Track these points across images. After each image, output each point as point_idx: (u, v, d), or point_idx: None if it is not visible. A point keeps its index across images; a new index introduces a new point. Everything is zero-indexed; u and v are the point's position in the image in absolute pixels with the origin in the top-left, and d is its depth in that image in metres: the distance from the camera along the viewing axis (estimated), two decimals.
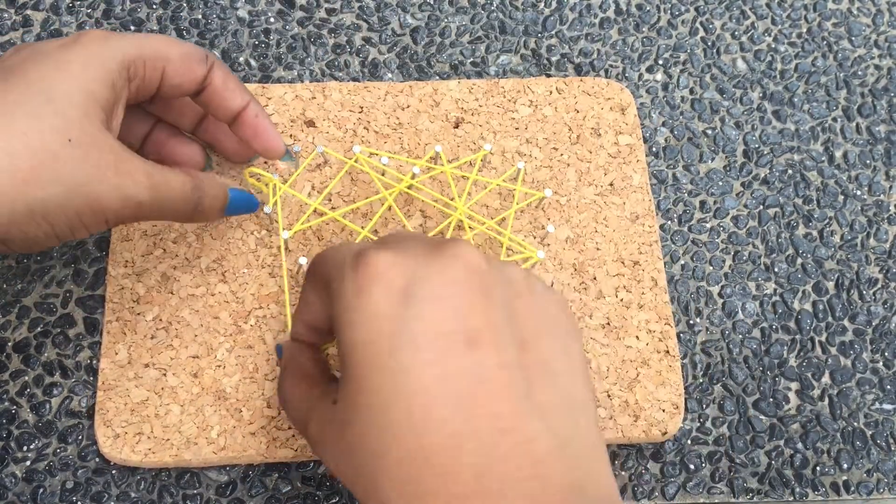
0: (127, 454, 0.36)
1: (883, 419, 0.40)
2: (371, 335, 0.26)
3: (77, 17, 0.46)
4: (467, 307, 0.26)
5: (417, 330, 0.26)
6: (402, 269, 0.27)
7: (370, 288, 0.26)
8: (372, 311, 0.26)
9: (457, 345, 0.26)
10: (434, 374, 0.25)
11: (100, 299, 0.39)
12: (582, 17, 0.48)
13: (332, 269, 0.29)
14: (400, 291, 0.26)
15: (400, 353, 0.25)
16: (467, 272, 0.27)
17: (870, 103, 0.47)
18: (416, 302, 0.26)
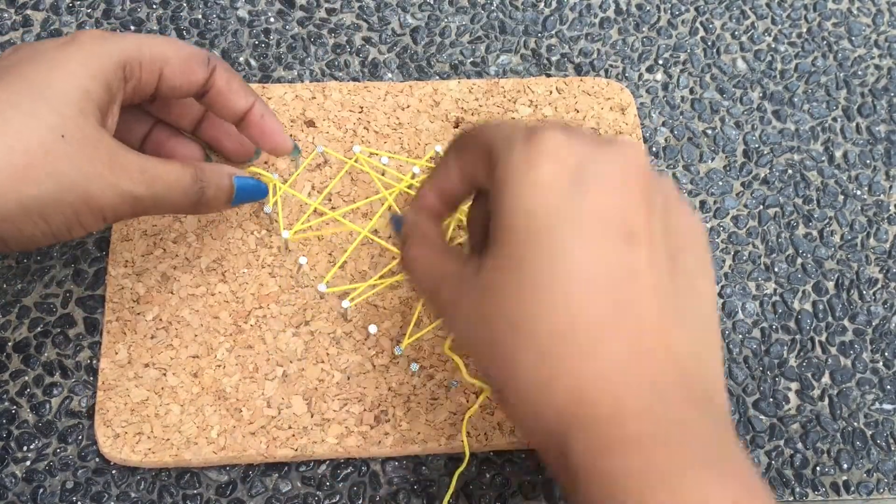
0: (127, 454, 0.36)
1: (883, 419, 0.40)
2: (536, 206, 0.26)
3: (77, 17, 0.46)
4: (631, 204, 0.27)
5: (582, 211, 0.26)
6: (575, 150, 0.27)
7: (541, 161, 0.27)
8: (541, 183, 0.26)
9: (617, 236, 0.26)
10: (590, 258, 0.26)
11: (100, 299, 0.39)
12: (582, 16, 0.48)
13: (499, 139, 0.29)
14: (571, 170, 0.27)
15: (563, 228, 0.26)
16: (635, 170, 0.27)
17: (870, 103, 0.47)
18: (585, 184, 0.26)
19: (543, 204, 0.26)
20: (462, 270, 0.29)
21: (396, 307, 0.39)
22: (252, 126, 0.37)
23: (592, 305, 0.26)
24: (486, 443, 0.37)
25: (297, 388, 0.37)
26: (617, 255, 0.26)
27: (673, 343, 0.26)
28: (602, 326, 0.26)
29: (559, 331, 0.26)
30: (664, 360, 0.26)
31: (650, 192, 0.27)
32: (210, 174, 0.34)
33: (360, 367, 0.38)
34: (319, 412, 0.37)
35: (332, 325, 0.39)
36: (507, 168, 0.27)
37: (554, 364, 0.26)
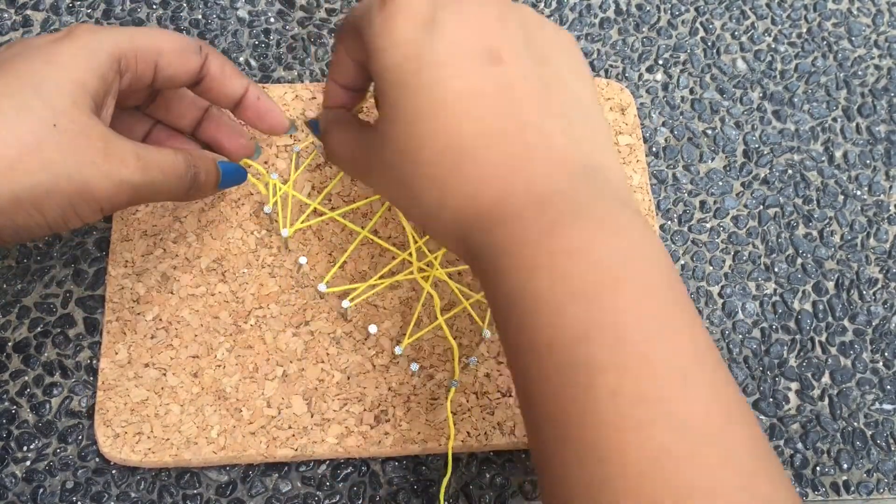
0: (127, 454, 0.36)
1: (883, 419, 0.40)
2: (398, 58, 0.29)
3: (77, 17, 0.46)
4: (488, 30, 0.29)
5: (441, 49, 0.28)
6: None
7: (395, 17, 0.29)
8: (398, 36, 0.29)
9: (480, 61, 0.29)
10: (461, 84, 0.28)
11: (100, 299, 0.39)
12: (582, 17, 0.48)
13: (361, 15, 0.31)
14: (424, 17, 0.29)
15: (426, 69, 0.28)
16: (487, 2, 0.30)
17: (870, 103, 0.47)
18: (439, 26, 0.29)
19: (403, 55, 0.29)
20: (367, 134, 0.33)
21: (396, 307, 0.39)
22: (249, 108, 0.37)
23: (470, 119, 0.28)
24: (485, 443, 0.37)
25: (297, 387, 0.37)
26: (485, 74, 0.29)
27: (552, 133, 0.29)
28: (483, 135, 0.28)
29: (444, 148, 0.28)
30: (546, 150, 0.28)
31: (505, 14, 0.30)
32: (200, 159, 0.35)
33: (360, 367, 0.38)
34: (319, 412, 0.37)
35: (332, 325, 0.39)
36: (369, 36, 0.30)
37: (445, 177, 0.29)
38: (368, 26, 0.30)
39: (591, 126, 0.31)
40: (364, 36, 0.30)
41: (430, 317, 0.39)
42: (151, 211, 0.40)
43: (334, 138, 0.35)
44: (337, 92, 0.36)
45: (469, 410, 0.37)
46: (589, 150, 0.29)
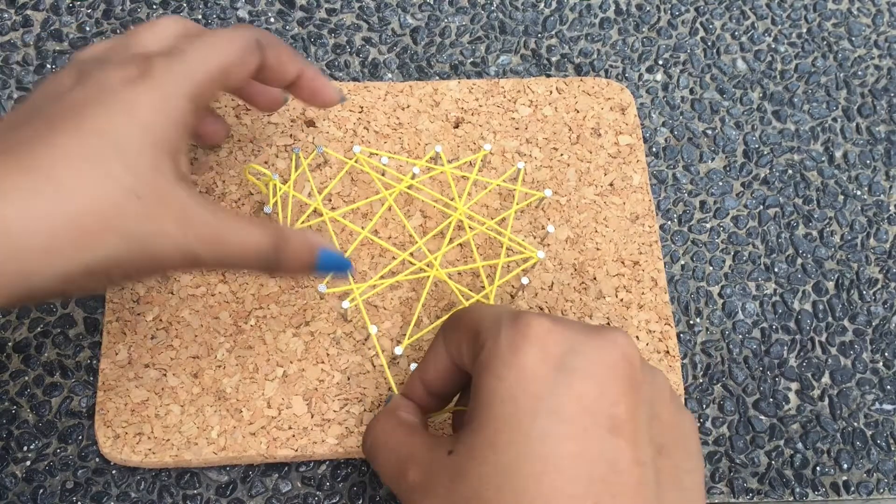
0: (127, 454, 0.36)
1: (883, 419, 0.40)
2: (517, 392, 0.26)
3: (77, 18, 0.46)
4: (617, 394, 0.26)
5: (565, 400, 0.26)
6: (560, 337, 0.27)
7: (526, 347, 0.27)
8: (524, 369, 0.26)
9: (600, 427, 0.26)
10: (571, 450, 0.25)
11: (100, 299, 0.39)
12: (582, 17, 0.48)
13: (486, 321, 0.28)
14: (555, 358, 0.26)
15: (543, 417, 0.25)
16: (623, 361, 0.27)
17: (870, 103, 0.47)
18: (569, 373, 0.26)
19: (524, 390, 0.26)
20: (432, 451, 0.28)
21: (396, 307, 0.39)
22: (303, 89, 0.35)
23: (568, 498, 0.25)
24: None
25: (298, 388, 0.37)
26: (598, 446, 0.26)
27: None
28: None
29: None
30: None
31: (637, 384, 0.27)
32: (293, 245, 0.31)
33: (360, 368, 0.38)
34: (320, 412, 0.37)
35: (332, 326, 0.39)
36: (491, 351, 0.27)
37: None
38: (493, 342, 0.27)
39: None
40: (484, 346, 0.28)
41: (430, 317, 0.39)
42: None
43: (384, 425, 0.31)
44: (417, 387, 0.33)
45: None
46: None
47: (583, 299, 0.40)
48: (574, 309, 0.40)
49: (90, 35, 0.45)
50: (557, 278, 0.40)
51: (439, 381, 0.32)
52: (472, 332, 0.29)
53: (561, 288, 0.40)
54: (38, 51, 0.45)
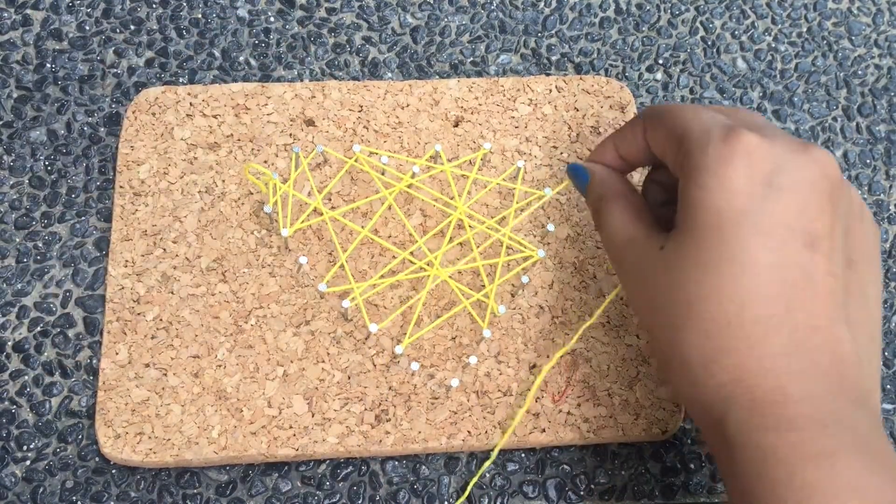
0: (128, 454, 0.36)
1: (883, 419, 0.40)
2: (724, 203, 0.28)
3: (77, 17, 0.46)
4: (816, 211, 0.28)
5: (767, 215, 0.28)
6: (769, 154, 0.28)
7: (735, 162, 0.28)
8: (731, 182, 0.28)
9: (797, 241, 0.28)
10: (769, 260, 0.28)
11: (100, 299, 0.39)
12: (582, 16, 0.48)
13: (696, 129, 0.30)
14: (762, 174, 0.28)
15: (746, 230, 0.28)
16: (825, 178, 0.29)
17: (870, 103, 0.47)
18: (774, 190, 0.28)
19: (732, 205, 0.28)
20: (647, 241, 0.32)
21: (396, 307, 0.39)
22: None
23: (763, 300, 0.28)
24: (486, 442, 0.37)
25: (298, 387, 0.37)
26: (796, 258, 0.28)
27: (838, 345, 0.28)
28: (770, 319, 0.28)
29: (726, 317, 0.28)
30: (829, 359, 0.28)
31: (836, 200, 0.29)
32: None
33: (361, 367, 0.38)
34: (320, 412, 0.37)
35: (333, 325, 0.39)
36: (701, 162, 0.29)
37: (718, 345, 0.28)
38: (701, 152, 0.29)
39: (874, 347, 0.30)
40: (692, 153, 0.29)
41: (431, 316, 0.39)
42: (152, 211, 0.40)
43: (616, 215, 0.34)
44: (611, 155, 0.35)
45: (469, 410, 0.37)
46: (869, 373, 0.29)
47: (583, 298, 0.40)
48: (574, 307, 0.40)
49: (90, 34, 0.45)
50: (558, 277, 0.40)
51: (633, 155, 0.35)
52: (678, 137, 0.31)
53: (561, 286, 0.40)
54: (37, 50, 0.45)
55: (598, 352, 0.39)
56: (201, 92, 0.43)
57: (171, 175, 0.41)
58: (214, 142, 0.42)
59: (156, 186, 0.41)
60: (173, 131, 0.42)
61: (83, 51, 0.45)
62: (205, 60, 0.45)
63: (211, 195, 0.41)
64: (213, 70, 0.45)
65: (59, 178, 0.42)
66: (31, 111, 0.43)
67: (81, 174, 0.42)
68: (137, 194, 0.41)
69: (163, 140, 0.42)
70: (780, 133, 0.30)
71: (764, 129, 0.29)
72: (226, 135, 0.42)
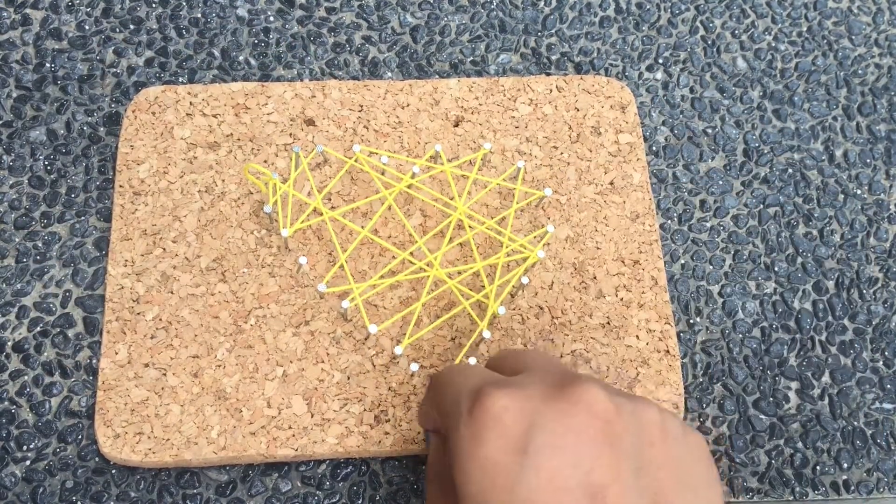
0: (127, 454, 0.36)
1: (883, 418, 0.40)
2: (485, 487, 0.25)
3: (76, 16, 0.46)
4: (591, 460, 0.24)
5: (535, 485, 0.24)
6: (519, 413, 0.25)
7: (485, 435, 0.25)
8: (486, 461, 0.25)
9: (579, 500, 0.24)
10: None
11: (99, 299, 0.39)
12: (582, 15, 0.48)
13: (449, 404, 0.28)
14: (516, 440, 0.25)
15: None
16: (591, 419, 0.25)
17: (870, 102, 0.47)
18: (534, 453, 0.25)
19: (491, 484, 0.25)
20: None
21: (396, 307, 0.39)
22: None
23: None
24: None
25: (298, 388, 0.37)
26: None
27: None
28: None
29: None
30: None
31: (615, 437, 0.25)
32: None
33: (360, 367, 0.38)
34: (319, 412, 0.37)
35: (332, 325, 0.39)
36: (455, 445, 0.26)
37: None
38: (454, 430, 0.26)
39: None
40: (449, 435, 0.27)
41: (430, 317, 0.39)
42: (151, 210, 0.40)
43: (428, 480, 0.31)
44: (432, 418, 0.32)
45: None
46: None
47: (583, 298, 0.40)
48: (574, 308, 0.40)
49: (89, 34, 0.45)
50: (557, 277, 0.40)
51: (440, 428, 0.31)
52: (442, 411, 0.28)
53: (561, 287, 0.40)
54: (37, 49, 0.45)
55: (597, 353, 0.39)
56: (201, 91, 0.43)
57: (171, 174, 0.41)
58: (214, 141, 0.42)
59: (155, 186, 0.41)
60: (173, 131, 0.42)
61: (83, 50, 0.45)
62: (204, 60, 0.45)
63: (211, 195, 0.41)
64: (213, 69, 0.45)
65: (59, 177, 0.42)
66: (31, 111, 0.43)
67: (81, 174, 0.42)
68: (137, 194, 0.41)
69: (162, 139, 0.42)
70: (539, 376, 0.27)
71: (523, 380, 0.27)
72: (226, 134, 0.42)
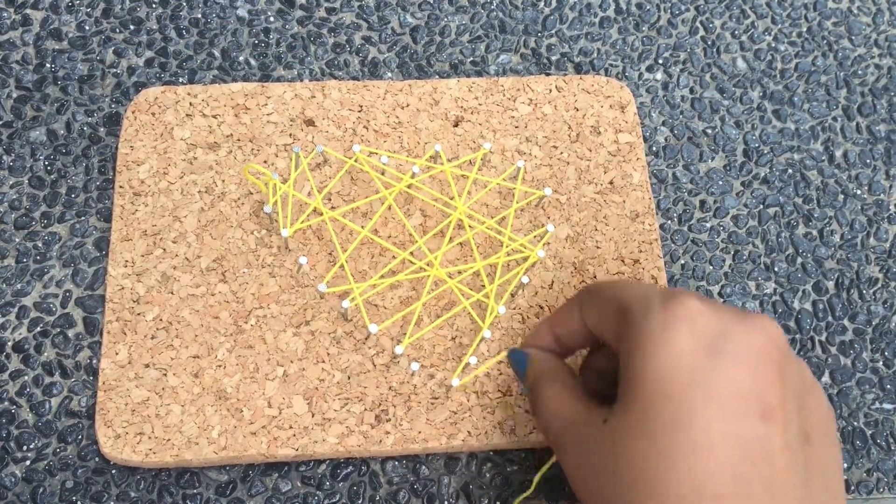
0: (128, 454, 0.36)
1: (883, 419, 0.40)
2: (670, 370, 0.26)
3: (77, 17, 0.46)
4: (767, 381, 0.26)
5: (717, 382, 0.26)
6: (712, 319, 0.27)
7: (679, 326, 0.27)
8: (677, 348, 0.27)
9: (751, 412, 0.26)
10: (724, 432, 0.26)
11: (99, 299, 0.39)
12: (582, 16, 0.48)
13: (635, 299, 0.29)
14: (707, 340, 0.27)
15: (696, 398, 0.26)
16: (774, 347, 0.27)
17: (870, 102, 0.47)
18: (722, 356, 0.26)
19: (678, 370, 0.26)
20: (589, 418, 0.30)
21: (396, 307, 0.39)
22: None
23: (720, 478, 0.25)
24: (486, 442, 0.37)
25: (298, 387, 0.37)
26: (751, 431, 0.26)
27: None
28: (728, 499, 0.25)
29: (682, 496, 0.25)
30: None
31: (785, 371, 0.27)
32: None
33: (361, 367, 0.38)
34: (320, 412, 0.37)
35: (333, 325, 0.39)
36: (643, 330, 0.28)
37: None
38: (643, 318, 0.28)
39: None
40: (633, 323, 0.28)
41: (431, 317, 0.39)
42: (151, 211, 0.40)
43: (552, 392, 0.32)
44: (548, 338, 0.34)
45: (469, 410, 0.37)
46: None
47: None
48: None
49: (89, 34, 0.45)
50: (557, 277, 0.40)
51: (570, 337, 0.33)
52: (618, 310, 0.29)
53: (561, 286, 0.40)
54: (37, 50, 0.45)
55: None
56: (201, 92, 0.43)
57: (171, 175, 0.41)
58: (214, 142, 0.42)
59: (155, 186, 0.41)
60: (173, 131, 0.42)
61: (83, 51, 0.45)
62: (204, 60, 0.45)
63: (211, 195, 0.41)
64: (213, 70, 0.45)
65: (59, 178, 0.42)
66: (31, 111, 0.43)
67: (81, 174, 0.42)
68: (137, 194, 0.41)
69: (162, 140, 0.42)
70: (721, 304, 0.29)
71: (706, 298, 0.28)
72: (225, 135, 0.42)
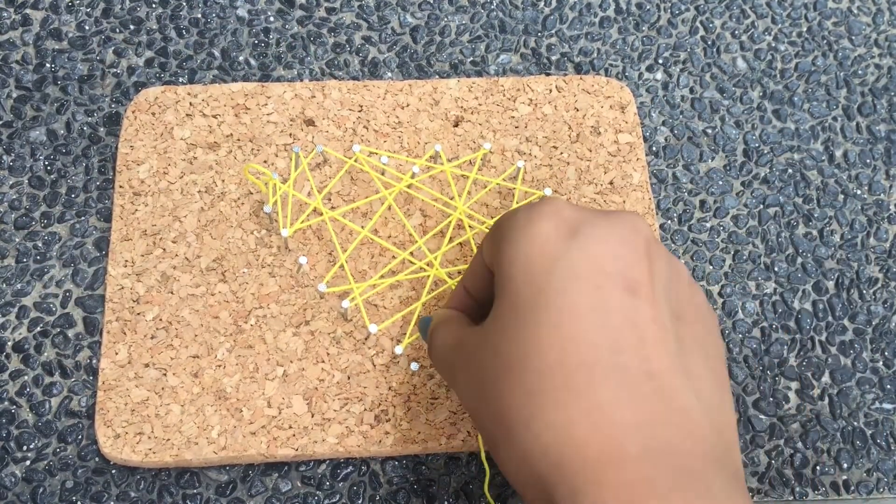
0: (128, 454, 0.36)
1: (883, 419, 0.40)
2: (533, 255, 0.27)
3: (76, 17, 0.46)
4: (631, 259, 0.26)
5: (579, 260, 0.26)
6: (577, 210, 0.28)
7: (541, 219, 0.27)
8: (538, 235, 0.27)
9: (615, 286, 0.26)
10: (588, 303, 0.25)
11: (99, 299, 0.39)
12: (582, 16, 0.48)
13: (506, 214, 0.29)
14: (569, 226, 0.27)
15: (559, 274, 0.26)
16: (636, 234, 0.27)
17: (870, 102, 0.47)
18: (583, 238, 0.26)
19: (539, 253, 0.26)
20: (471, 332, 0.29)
21: (396, 307, 0.39)
22: None
23: (585, 345, 0.25)
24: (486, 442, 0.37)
25: (298, 387, 0.37)
26: (616, 302, 0.25)
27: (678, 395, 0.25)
28: (595, 365, 0.25)
29: (548, 367, 0.25)
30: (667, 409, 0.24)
31: (652, 255, 0.27)
32: None
33: (361, 367, 0.38)
34: (320, 412, 0.37)
35: (332, 325, 0.39)
36: (508, 226, 0.28)
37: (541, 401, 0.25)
38: (511, 222, 0.28)
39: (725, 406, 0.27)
40: (503, 232, 0.28)
41: None
42: (151, 210, 0.40)
43: (439, 334, 0.32)
44: (462, 298, 0.34)
45: None
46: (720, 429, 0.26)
47: None
48: None
49: (89, 34, 0.45)
50: None
51: (478, 285, 0.33)
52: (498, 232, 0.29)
53: None
54: (37, 50, 0.45)
55: None
56: (201, 92, 0.43)
57: (171, 175, 0.41)
58: (214, 142, 0.42)
59: (155, 186, 0.41)
60: (173, 131, 0.42)
61: (83, 50, 0.45)
62: (204, 60, 0.45)
63: (211, 195, 0.41)
64: (213, 70, 0.45)
65: (59, 178, 0.42)
66: (31, 111, 0.43)
67: (81, 174, 0.42)
68: (137, 194, 0.41)
69: (162, 140, 0.42)
70: None
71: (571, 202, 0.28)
72: (225, 135, 0.42)
